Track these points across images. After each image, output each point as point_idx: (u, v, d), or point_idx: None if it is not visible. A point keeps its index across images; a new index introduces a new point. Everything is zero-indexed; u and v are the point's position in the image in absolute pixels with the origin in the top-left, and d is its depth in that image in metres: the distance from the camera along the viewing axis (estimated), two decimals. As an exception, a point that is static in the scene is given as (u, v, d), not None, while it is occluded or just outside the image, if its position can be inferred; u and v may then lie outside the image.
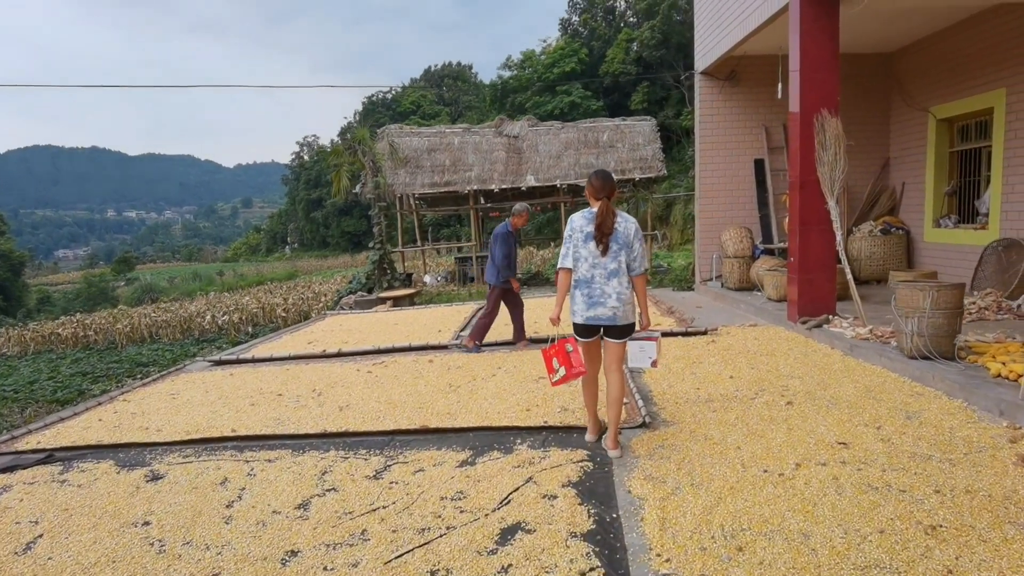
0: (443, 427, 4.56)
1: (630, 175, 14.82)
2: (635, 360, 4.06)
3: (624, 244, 3.97)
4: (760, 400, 4.78)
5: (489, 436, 4.40)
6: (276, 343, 8.89)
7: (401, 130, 16.89)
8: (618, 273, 3.96)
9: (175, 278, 60.95)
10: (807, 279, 7.12)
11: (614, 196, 4.14)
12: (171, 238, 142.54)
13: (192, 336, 18.07)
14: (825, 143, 6.84)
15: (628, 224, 4.03)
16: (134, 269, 74.31)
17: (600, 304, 3.96)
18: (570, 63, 42.05)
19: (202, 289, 38.43)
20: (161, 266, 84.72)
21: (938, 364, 5.03)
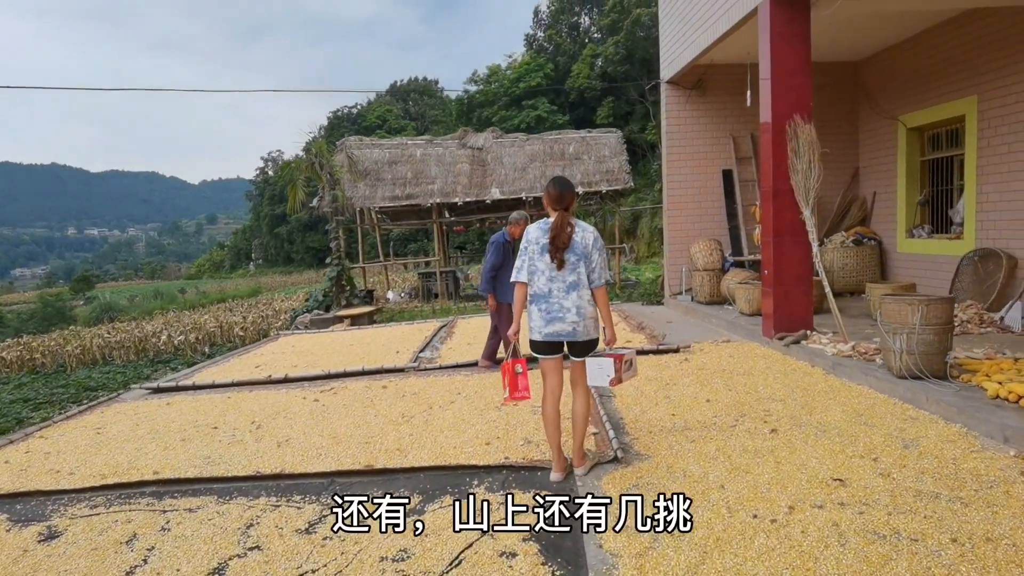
0: (390, 467, 4.03)
1: (596, 187, 14.48)
2: (593, 378, 3.66)
3: (582, 255, 3.62)
4: (741, 427, 4.35)
5: (442, 477, 3.88)
6: (223, 367, 8.25)
7: (361, 142, 16.35)
8: (577, 286, 3.61)
9: (136, 296, 58.97)
10: (782, 293, 6.77)
11: (572, 206, 3.72)
12: (134, 256, 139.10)
13: (147, 357, 17.22)
14: (799, 150, 6.52)
15: (586, 234, 3.66)
16: (93, 288, 71.94)
17: (559, 319, 3.62)
18: (536, 78, 42.14)
19: (163, 307, 37.15)
20: (123, 284, 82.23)
21: (930, 384, 4.67)
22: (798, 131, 6.53)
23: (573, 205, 3.77)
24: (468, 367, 6.89)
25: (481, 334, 9.07)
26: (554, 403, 3.74)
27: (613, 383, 3.60)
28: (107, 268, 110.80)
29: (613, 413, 4.90)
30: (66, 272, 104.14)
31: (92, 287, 72.79)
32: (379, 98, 63.98)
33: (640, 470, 3.72)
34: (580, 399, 3.72)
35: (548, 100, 41.77)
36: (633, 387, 5.59)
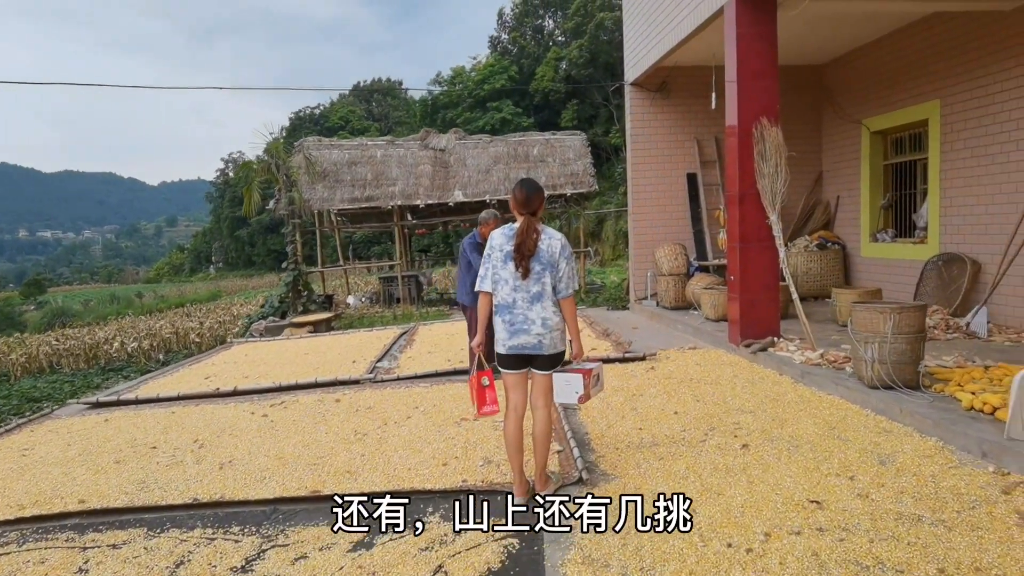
0: (339, 493, 3.71)
1: (561, 190, 14.30)
2: (561, 395, 3.42)
3: (548, 264, 3.37)
4: (711, 443, 4.15)
5: (419, 502, 3.58)
6: (171, 378, 7.80)
7: (320, 142, 15.89)
8: (542, 296, 3.37)
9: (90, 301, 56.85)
10: (749, 299, 6.63)
11: (540, 211, 3.46)
12: (90, 259, 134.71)
13: (98, 365, 16.49)
14: (765, 154, 6.39)
15: (552, 241, 3.40)
16: (45, 292, 69.33)
17: (523, 332, 3.38)
18: (500, 80, 41.99)
19: (119, 312, 35.89)
20: (77, 288, 79.46)
21: (903, 395, 4.54)
22: (765, 134, 6.40)
23: (541, 209, 3.51)
24: (428, 378, 6.59)
25: (444, 341, 8.78)
26: (517, 421, 3.48)
27: (582, 400, 3.37)
28: (61, 271, 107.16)
29: (578, 428, 4.66)
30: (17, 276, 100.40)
31: (44, 291, 70.16)
32: (342, 99, 63.14)
33: (606, 492, 3.48)
34: (542, 418, 3.47)
35: (513, 102, 41.68)
36: (599, 399, 5.35)
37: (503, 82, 41.97)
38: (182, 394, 6.51)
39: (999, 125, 6.94)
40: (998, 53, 6.90)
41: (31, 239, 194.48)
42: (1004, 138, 6.88)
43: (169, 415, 5.85)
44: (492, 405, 3.55)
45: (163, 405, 6.29)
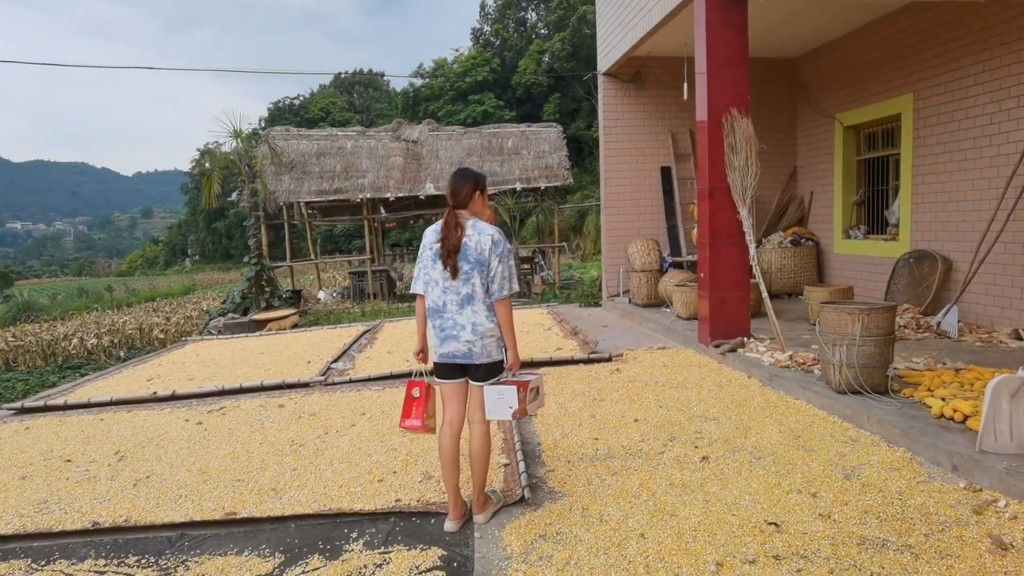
0: (256, 516, 3.38)
1: (535, 183, 13.98)
2: (493, 410, 3.09)
3: (477, 263, 3.06)
4: (670, 454, 3.88)
5: (317, 528, 3.26)
6: (110, 380, 7.38)
7: (288, 132, 15.42)
8: (473, 299, 3.07)
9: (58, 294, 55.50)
10: (719, 298, 6.38)
11: (473, 202, 3.15)
12: (61, 251, 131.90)
13: (55, 362, 15.92)
14: (736, 146, 6.13)
15: (482, 237, 3.07)
16: (13, 285, 67.70)
17: (453, 338, 3.10)
18: (482, 72, 41.58)
19: (88, 306, 34.96)
20: (47, 281, 77.70)
21: (871, 400, 4.30)
22: (735, 126, 6.14)
23: (473, 200, 3.16)
24: (382, 381, 6.26)
25: (406, 340, 8.45)
26: (452, 436, 3.18)
27: (517, 415, 3.05)
28: (31, 264, 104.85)
29: (531, 437, 4.37)
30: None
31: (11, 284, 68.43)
32: (323, 90, 62.31)
33: (551, 514, 3.19)
34: (478, 434, 3.17)
35: (495, 95, 41.27)
36: (557, 404, 5.08)
37: (485, 75, 41.60)
38: (116, 399, 6.11)
39: (972, 120, 6.75)
40: (972, 46, 6.70)
41: (0, 230, 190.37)
42: (976, 133, 6.69)
43: (97, 422, 5.46)
44: (414, 419, 3.23)
45: (94, 411, 5.89)
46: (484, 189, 3.25)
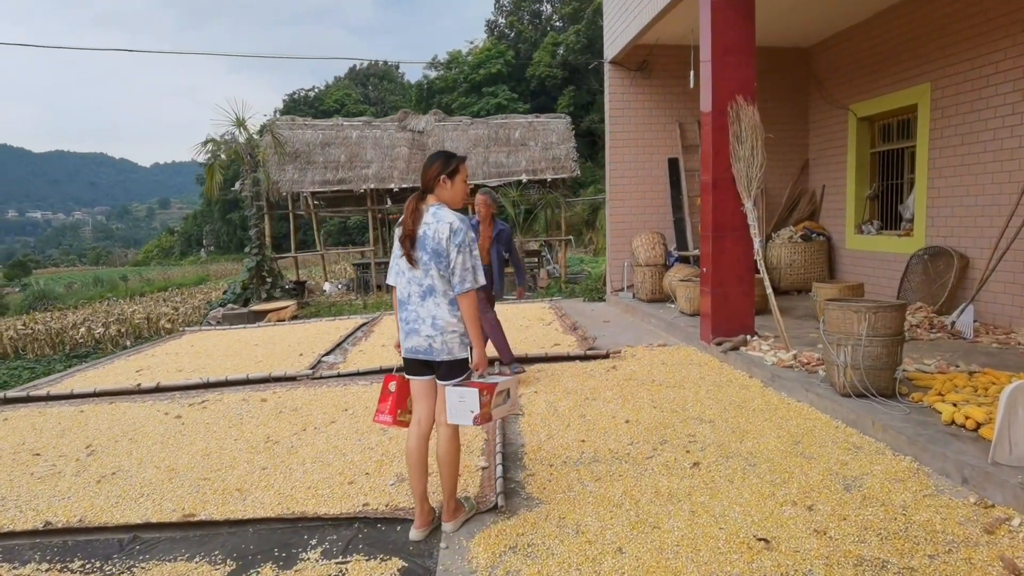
0: (214, 519, 3.20)
1: (542, 175, 13.72)
2: (454, 413, 2.86)
3: (434, 253, 2.86)
4: (659, 459, 3.65)
5: (275, 533, 3.07)
6: (100, 371, 7.26)
7: (293, 122, 15.29)
8: (434, 291, 2.88)
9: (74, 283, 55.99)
10: (721, 294, 6.12)
11: (437, 187, 2.96)
12: (80, 240, 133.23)
13: (63, 351, 15.96)
14: (741, 135, 5.86)
15: (439, 225, 2.86)
16: (31, 274, 68.47)
17: (415, 332, 2.93)
18: (496, 65, 41.27)
19: (102, 295, 35.26)
20: (64, 270, 78.45)
21: (877, 404, 4.04)
22: (740, 114, 5.87)
23: (440, 185, 2.94)
24: (370, 375, 6.07)
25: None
26: (419, 438, 2.97)
27: (479, 421, 2.81)
28: (50, 253, 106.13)
29: (514, 438, 4.16)
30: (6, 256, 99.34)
31: (29, 273, 69.36)
32: (337, 82, 62.27)
33: (524, 523, 2.98)
34: (444, 436, 2.96)
35: (509, 88, 40.92)
36: (547, 403, 4.86)
37: (499, 67, 41.29)
38: (99, 390, 5.97)
39: (992, 110, 6.42)
40: (992, 32, 6.36)
41: (20, 220, 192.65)
42: (997, 123, 6.36)
43: (76, 414, 5.32)
44: (386, 414, 3.03)
45: (76, 402, 5.75)
46: (455, 172, 3.01)
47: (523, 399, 5.03)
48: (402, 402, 3.04)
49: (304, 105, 58.59)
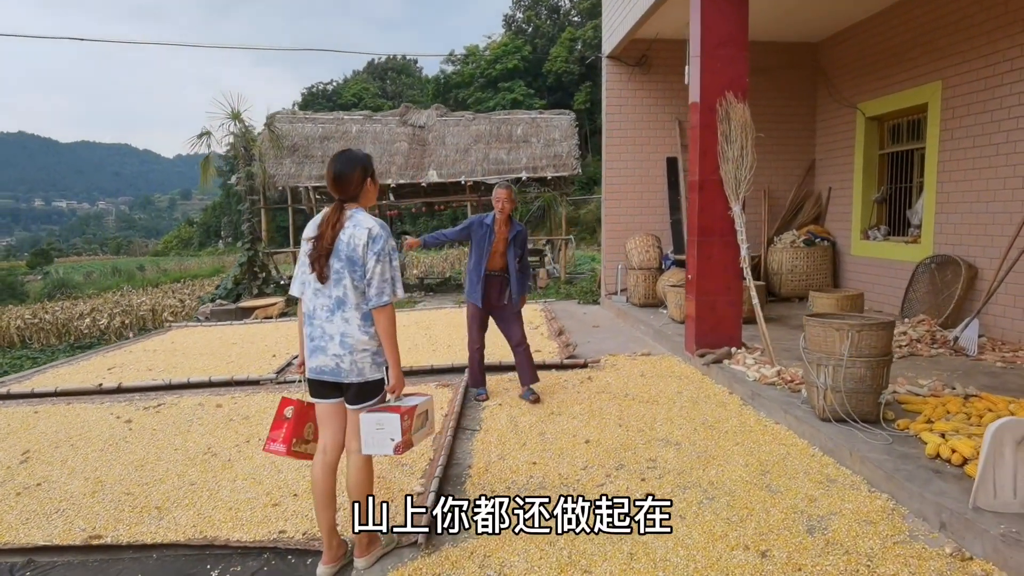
0: (119, 543, 2.96)
1: (542, 173, 13.39)
2: (371, 443, 2.57)
3: (348, 260, 2.57)
4: (610, 488, 3.35)
5: (180, 560, 2.83)
6: (74, 367, 7.09)
7: (294, 115, 15.11)
8: (345, 304, 2.60)
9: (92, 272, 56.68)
10: (706, 302, 5.79)
11: (362, 195, 2.70)
12: (103, 230, 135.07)
13: (68, 341, 15.98)
14: (730, 135, 5.52)
15: (358, 231, 2.59)
16: (52, 262, 69.46)
17: (321, 350, 2.65)
18: (513, 60, 41.03)
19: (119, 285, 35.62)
20: (85, 259, 79.43)
21: (857, 431, 3.71)
22: (730, 112, 5.52)
23: (365, 191, 2.69)
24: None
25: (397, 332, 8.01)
26: (324, 466, 2.70)
27: (400, 450, 2.54)
28: (74, 242, 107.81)
29: (463, 457, 3.88)
30: (31, 245, 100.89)
31: (51, 261, 70.45)
32: (356, 76, 62.32)
33: (445, 561, 2.70)
34: (355, 466, 2.68)
35: (525, 83, 40.60)
36: (509, 417, 4.58)
37: (516, 62, 41.04)
38: (60, 389, 5.80)
39: (1006, 110, 6.01)
40: (1008, 27, 5.95)
41: (47, 209, 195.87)
42: (1011, 125, 5.95)
43: (30, 415, 5.13)
44: (279, 443, 2.74)
45: (35, 402, 5.57)
46: (373, 174, 2.76)
47: (485, 411, 4.75)
48: (299, 429, 2.75)
49: (322, 99, 58.68)
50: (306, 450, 2.79)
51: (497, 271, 4.94)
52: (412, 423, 2.59)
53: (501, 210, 4.85)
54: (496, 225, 4.87)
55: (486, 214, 4.99)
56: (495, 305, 4.99)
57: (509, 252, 4.90)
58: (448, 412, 4.63)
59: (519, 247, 4.95)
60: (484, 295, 4.90)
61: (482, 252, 4.84)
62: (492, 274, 4.94)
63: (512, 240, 4.90)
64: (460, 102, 39.98)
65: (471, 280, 4.94)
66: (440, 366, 6.03)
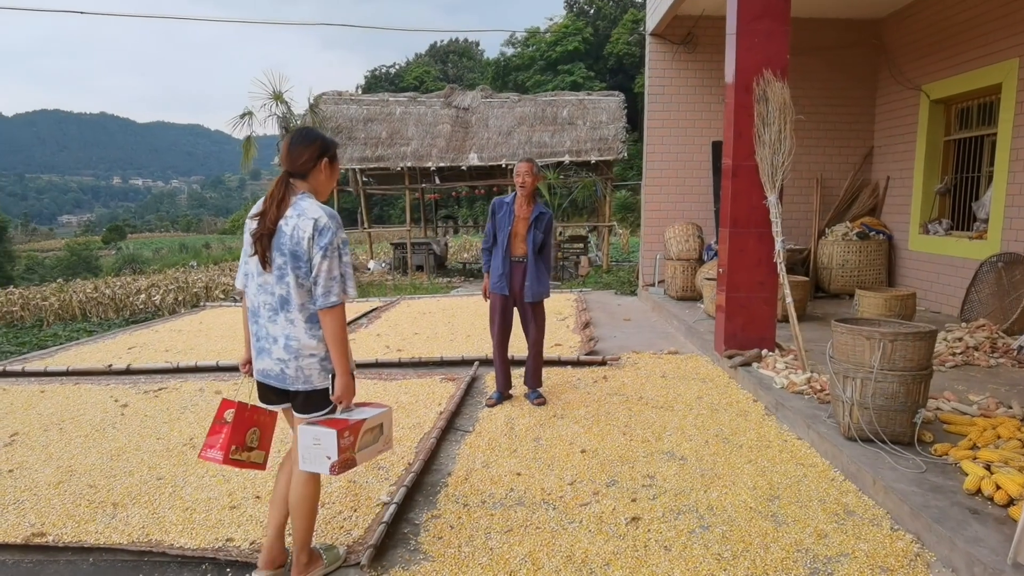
0: (60, 543, 2.81)
1: (586, 156, 12.93)
2: (307, 459, 2.29)
3: (292, 255, 2.30)
4: (594, 508, 3.01)
5: (116, 567, 2.65)
6: (97, 345, 7.18)
7: (340, 96, 15.05)
8: (289, 304, 2.32)
9: (161, 249, 59.18)
10: (737, 299, 5.33)
11: (312, 172, 2.41)
12: (176, 207, 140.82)
13: (124, 316, 16.56)
14: (767, 116, 5.01)
15: (302, 221, 2.29)
16: (125, 238, 72.89)
17: (266, 352, 2.41)
18: (573, 42, 40.36)
19: (184, 262, 37.11)
20: (156, 236, 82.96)
21: (885, 455, 3.25)
22: (768, 91, 5.02)
23: (317, 170, 2.40)
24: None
25: (407, 322, 7.84)
26: (286, 474, 2.49)
27: (335, 470, 2.24)
28: (148, 218, 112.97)
29: (446, 463, 3.61)
30: (109, 220, 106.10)
31: (124, 237, 74.00)
32: (418, 59, 62.65)
33: (389, 586, 2.44)
34: (300, 480, 2.41)
35: (586, 66, 39.82)
36: (507, 419, 4.29)
37: (577, 44, 40.36)
38: (72, 369, 5.81)
39: (1095, 90, 5.28)
40: (1103, -6, 5.21)
41: (124, 186, 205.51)
42: (1099, 107, 5.23)
43: (36, 394, 5.14)
44: (216, 450, 2.49)
45: (44, 380, 5.60)
46: (334, 158, 2.48)
47: (484, 410, 4.47)
48: (239, 436, 2.50)
49: (385, 81, 59.20)
50: (248, 458, 2.54)
51: (521, 257, 4.49)
52: (357, 440, 2.30)
53: (522, 185, 4.42)
54: (517, 204, 4.46)
55: (508, 194, 4.62)
56: (520, 296, 4.56)
57: (529, 236, 4.44)
58: (443, 410, 4.36)
59: (541, 231, 4.47)
60: (510, 284, 4.49)
61: (505, 235, 4.45)
62: (516, 260, 4.49)
63: (533, 222, 4.44)
64: (519, 85, 39.54)
65: (495, 268, 4.53)
66: (450, 358, 5.77)
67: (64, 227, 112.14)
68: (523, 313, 4.62)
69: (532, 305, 4.56)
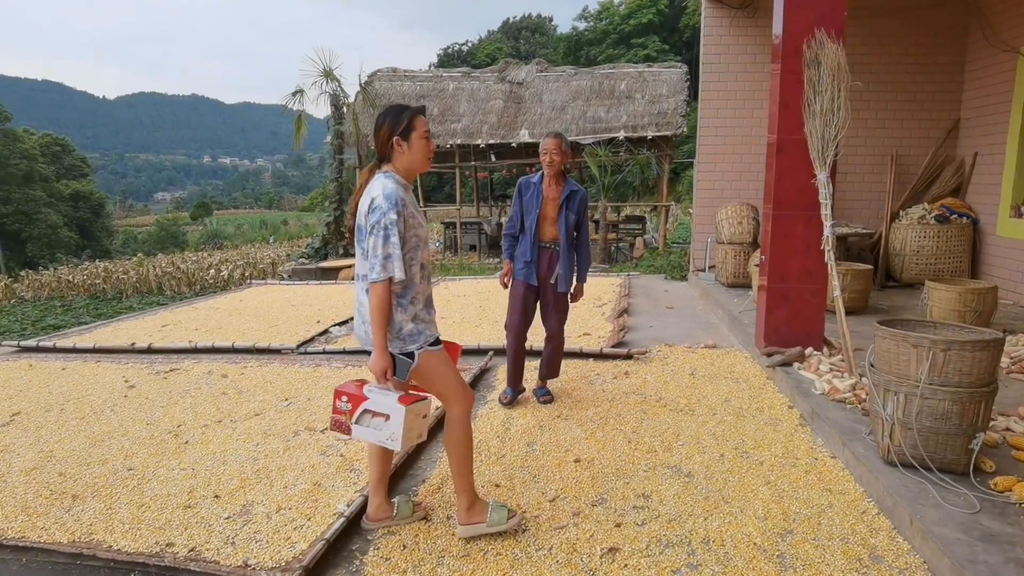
0: (22, 544, 2.66)
1: (643, 132, 12.23)
2: (365, 430, 2.46)
3: (358, 228, 2.51)
4: (570, 533, 2.64)
5: (46, 569, 2.50)
6: (135, 322, 7.27)
7: (394, 73, 14.87)
8: (361, 274, 2.57)
9: (243, 225, 61.81)
10: (780, 290, 4.77)
11: (393, 154, 2.49)
12: (260, 185, 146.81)
13: (194, 290, 17.24)
14: (819, 84, 4.40)
15: (365, 198, 2.46)
16: (212, 214, 76.59)
17: (358, 316, 2.62)
18: (648, 14, 39.10)
19: (263, 237, 38.74)
20: (240, 212, 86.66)
21: (930, 487, 2.72)
22: (820, 55, 4.39)
23: (395, 151, 2.47)
24: (355, 355, 5.43)
25: (443, 304, 7.59)
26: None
27: (331, 426, 2.55)
28: (235, 196, 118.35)
29: (424, 467, 3.32)
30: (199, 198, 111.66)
31: (210, 213, 77.73)
32: (490, 35, 62.34)
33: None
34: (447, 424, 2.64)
35: (660, 39, 38.45)
36: (506, 418, 3.95)
37: (651, 16, 39.07)
38: (98, 346, 5.85)
39: None
40: None
41: (213, 165, 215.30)
42: None
43: (58, 371, 5.18)
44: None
45: (70, 357, 5.65)
46: (409, 129, 2.46)
47: (484, 407, 4.13)
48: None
49: (457, 59, 59.12)
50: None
51: (549, 243, 4.06)
52: (353, 413, 2.46)
53: (550, 163, 3.97)
54: (545, 183, 4.03)
55: (535, 173, 4.19)
56: (548, 286, 4.12)
57: (560, 219, 4.00)
58: (439, 404, 4.06)
59: (574, 212, 4.02)
60: (537, 272, 4.06)
61: (533, 220, 4.02)
62: (544, 246, 4.06)
63: (564, 202, 4.00)
64: (591, 60, 38.61)
65: (522, 254, 4.09)
66: (467, 346, 5.45)
67: (159, 203, 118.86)
68: (545, 302, 4.21)
69: (559, 295, 4.14)
